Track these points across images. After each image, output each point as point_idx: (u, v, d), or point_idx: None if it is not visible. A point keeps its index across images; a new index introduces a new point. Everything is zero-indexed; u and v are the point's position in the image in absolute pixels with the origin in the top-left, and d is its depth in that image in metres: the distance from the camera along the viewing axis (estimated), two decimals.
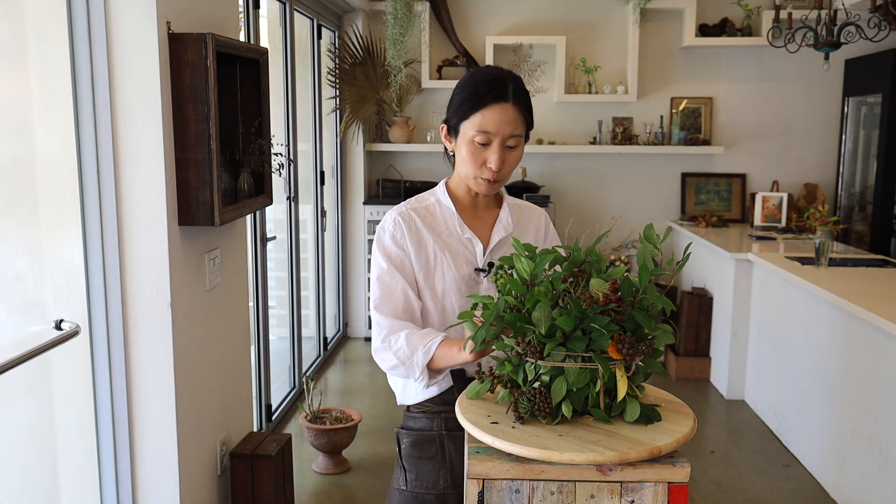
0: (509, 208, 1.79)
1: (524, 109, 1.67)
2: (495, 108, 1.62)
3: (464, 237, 1.72)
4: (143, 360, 2.36)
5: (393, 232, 1.70)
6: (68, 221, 2.28)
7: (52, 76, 2.25)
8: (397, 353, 1.62)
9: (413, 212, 1.73)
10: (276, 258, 4.48)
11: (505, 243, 1.75)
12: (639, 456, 1.26)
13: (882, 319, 2.91)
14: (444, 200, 1.75)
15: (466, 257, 1.72)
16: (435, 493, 1.72)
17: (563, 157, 5.82)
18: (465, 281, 1.70)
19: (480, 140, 1.63)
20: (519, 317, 1.34)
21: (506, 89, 1.64)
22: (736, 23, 5.53)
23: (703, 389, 4.79)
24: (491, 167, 1.64)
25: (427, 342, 1.59)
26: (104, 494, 2.40)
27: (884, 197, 5.05)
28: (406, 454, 1.76)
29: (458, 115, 1.66)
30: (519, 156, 1.69)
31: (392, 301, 1.67)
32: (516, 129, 1.65)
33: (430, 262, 1.70)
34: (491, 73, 1.67)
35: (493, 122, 1.62)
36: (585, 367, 1.33)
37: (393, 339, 1.63)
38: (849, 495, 3.29)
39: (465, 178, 1.70)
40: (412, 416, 1.77)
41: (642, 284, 1.35)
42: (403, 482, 1.76)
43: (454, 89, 1.70)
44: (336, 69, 5.29)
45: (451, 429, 1.72)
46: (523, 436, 1.31)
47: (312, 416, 3.61)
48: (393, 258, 1.69)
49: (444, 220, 1.73)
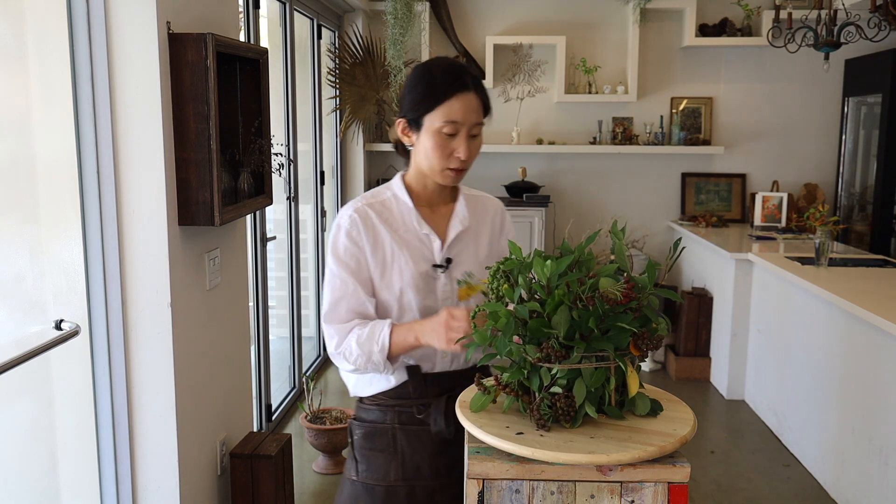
0: (465, 200, 1.79)
1: (483, 97, 1.68)
2: (460, 97, 1.63)
3: (421, 233, 1.71)
4: (143, 360, 2.36)
5: (349, 229, 1.69)
6: (68, 221, 2.28)
7: (52, 76, 2.25)
8: (355, 362, 1.64)
9: (369, 207, 1.72)
10: (276, 258, 4.48)
11: (462, 238, 1.75)
12: (674, 447, 1.31)
13: (882, 319, 2.91)
14: (400, 195, 1.74)
15: (424, 253, 1.71)
16: (385, 484, 1.73)
17: (563, 157, 5.82)
18: (423, 277, 1.70)
19: (448, 130, 1.63)
20: (541, 322, 1.35)
21: (466, 79, 1.65)
22: (736, 23, 5.53)
23: (703, 389, 4.79)
24: (460, 156, 1.65)
25: (377, 338, 1.61)
26: (104, 494, 2.40)
27: (884, 197, 5.05)
28: (358, 445, 1.77)
29: (421, 109, 1.65)
30: (480, 144, 1.70)
31: (341, 305, 1.67)
32: (479, 117, 1.67)
33: (388, 259, 1.69)
34: (448, 64, 1.69)
35: (460, 112, 1.63)
36: (601, 367, 1.34)
37: (345, 349, 1.65)
38: (849, 495, 3.29)
39: (430, 171, 1.69)
40: (365, 408, 1.78)
41: (650, 281, 1.37)
42: (354, 472, 1.77)
43: (407, 84, 1.70)
44: (336, 69, 5.29)
45: (403, 422, 1.73)
46: (562, 443, 1.30)
47: (312, 416, 3.61)
48: (346, 258, 1.68)
49: (400, 215, 1.73)
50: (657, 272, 1.39)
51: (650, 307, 1.38)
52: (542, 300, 1.37)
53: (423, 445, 1.73)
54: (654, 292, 1.39)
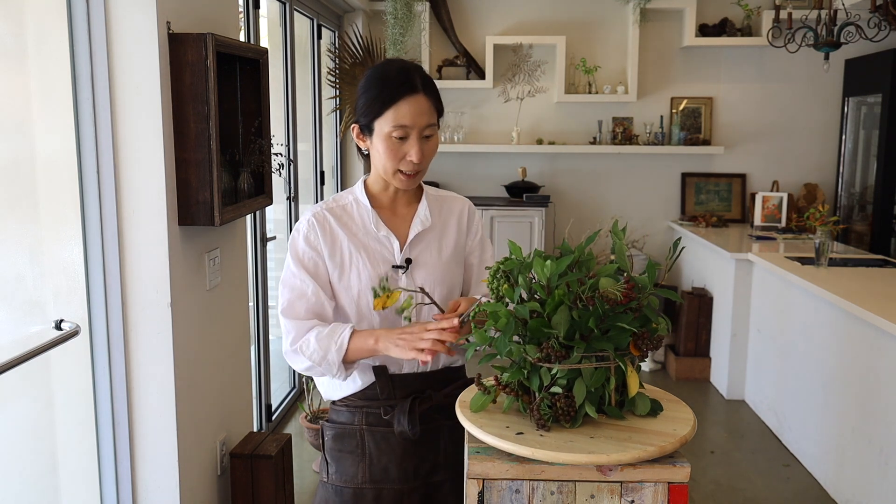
0: (428, 201, 1.78)
1: (434, 98, 1.67)
2: (408, 100, 1.62)
3: (380, 234, 1.72)
4: (143, 360, 2.36)
5: (307, 233, 1.70)
6: (68, 221, 2.28)
7: (52, 76, 2.25)
8: (311, 357, 1.64)
9: (328, 212, 1.73)
10: (276, 258, 4.48)
11: (423, 238, 1.74)
12: (674, 447, 1.31)
13: (882, 319, 2.91)
14: (361, 199, 1.75)
15: (383, 255, 1.71)
16: (353, 486, 1.74)
17: (563, 157, 5.82)
18: (381, 280, 1.70)
19: (398, 135, 1.63)
20: (541, 322, 1.35)
21: (414, 81, 1.63)
22: (736, 23, 5.53)
23: (703, 389, 4.79)
24: (412, 160, 1.64)
25: (337, 338, 1.61)
26: (104, 494, 2.40)
27: (884, 197, 5.05)
28: (328, 447, 1.79)
29: (371, 114, 1.65)
30: (436, 145, 1.69)
31: (299, 303, 1.68)
32: (430, 118, 1.65)
33: (346, 261, 1.70)
34: (396, 67, 1.67)
35: (408, 116, 1.62)
36: (601, 367, 1.34)
37: (303, 343, 1.65)
38: (849, 495, 3.29)
39: (385, 174, 1.69)
40: (336, 410, 1.79)
41: (650, 281, 1.37)
42: (325, 474, 1.79)
43: (359, 88, 1.69)
44: (336, 69, 5.29)
45: (371, 424, 1.73)
46: (562, 443, 1.30)
47: (312, 416, 3.60)
48: (305, 261, 1.69)
49: (360, 218, 1.73)
50: (657, 272, 1.39)
51: (650, 307, 1.38)
52: (542, 300, 1.37)
53: (391, 448, 1.73)
54: (654, 292, 1.39)
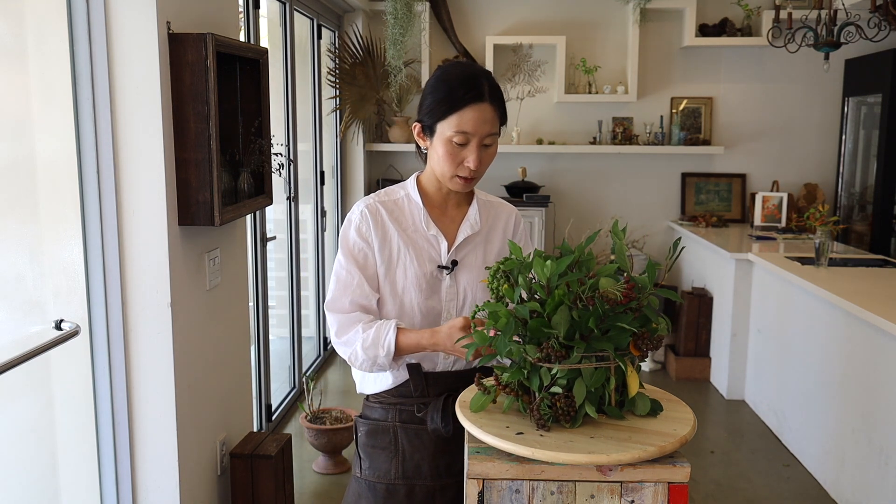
0: (479, 206, 1.79)
1: (499, 107, 1.67)
2: (473, 108, 1.61)
3: (429, 234, 1.72)
4: (143, 360, 2.36)
5: (359, 224, 1.71)
6: (68, 221, 2.28)
7: (52, 76, 2.25)
8: (361, 366, 1.66)
9: (380, 204, 1.73)
10: (276, 258, 4.48)
11: (470, 241, 1.75)
12: (674, 447, 1.31)
13: (882, 319, 2.91)
14: (413, 195, 1.75)
15: (430, 254, 1.72)
16: (385, 482, 1.75)
17: (563, 157, 5.82)
18: (427, 278, 1.70)
19: (459, 140, 1.63)
20: (541, 322, 1.35)
21: (482, 89, 1.63)
22: (736, 23, 5.53)
23: (703, 389, 4.79)
24: (469, 166, 1.64)
25: (383, 342, 1.62)
26: (104, 494, 2.40)
27: (884, 197, 5.05)
28: (361, 443, 1.79)
29: (435, 116, 1.65)
30: (494, 153, 1.69)
31: (344, 297, 1.68)
32: (493, 127, 1.65)
33: (394, 256, 1.70)
34: (464, 73, 1.66)
35: (471, 123, 1.62)
36: (601, 367, 1.34)
37: (351, 352, 1.66)
38: (849, 495, 3.29)
39: (441, 176, 1.70)
40: (370, 406, 1.80)
41: (650, 281, 1.37)
42: (358, 469, 1.80)
43: (425, 88, 1.69)
44: (336, 69, 5.29)
45: (404, 421, 1.74)
46: (562, 443, 1.30)
47: (312, 416, 3.61)
48: (355, 252, 1.70)
49: (411, 215, 1.73)
50: (657, 272, 1.39)
51: (650, 307, 1.38)
52: (542, 300, 1.37)
53: (424, 445, 1.73)
54: (654, 292, 1.39)
